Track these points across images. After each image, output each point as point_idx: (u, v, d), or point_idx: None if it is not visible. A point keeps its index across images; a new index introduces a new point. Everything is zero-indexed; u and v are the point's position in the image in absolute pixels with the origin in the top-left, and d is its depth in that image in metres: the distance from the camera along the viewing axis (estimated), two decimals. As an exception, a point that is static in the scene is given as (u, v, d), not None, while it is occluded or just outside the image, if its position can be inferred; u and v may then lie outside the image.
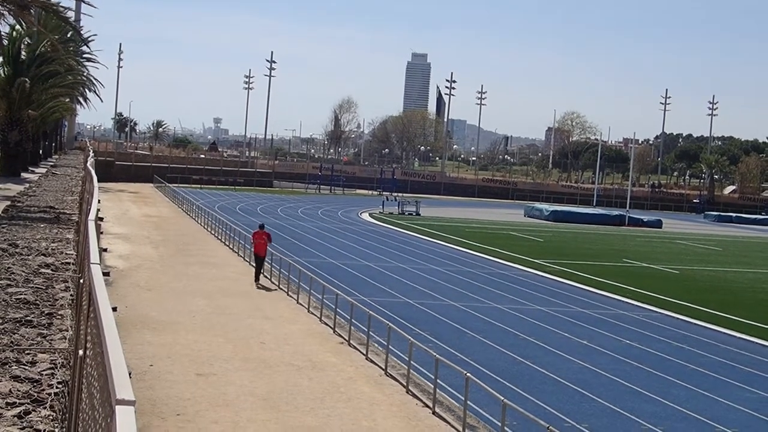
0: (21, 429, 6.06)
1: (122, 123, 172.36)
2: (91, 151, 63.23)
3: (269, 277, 32.16)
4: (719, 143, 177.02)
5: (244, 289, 29.65)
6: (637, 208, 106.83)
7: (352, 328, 22.92)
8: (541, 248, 53.07)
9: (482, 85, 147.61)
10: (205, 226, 49.50)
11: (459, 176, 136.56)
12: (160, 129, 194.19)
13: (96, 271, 5.45)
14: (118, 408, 2.86)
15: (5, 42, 46.20)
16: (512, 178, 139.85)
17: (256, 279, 30.77)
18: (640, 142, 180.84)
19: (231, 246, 40.84)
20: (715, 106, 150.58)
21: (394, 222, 66.61)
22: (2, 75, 51.21)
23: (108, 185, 71.51)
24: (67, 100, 75.43)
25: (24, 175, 51.44)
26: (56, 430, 6.15)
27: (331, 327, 23.96)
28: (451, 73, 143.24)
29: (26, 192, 29.81)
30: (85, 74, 74.67)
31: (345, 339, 22.61)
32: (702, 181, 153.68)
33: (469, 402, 16.09)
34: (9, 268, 12.78)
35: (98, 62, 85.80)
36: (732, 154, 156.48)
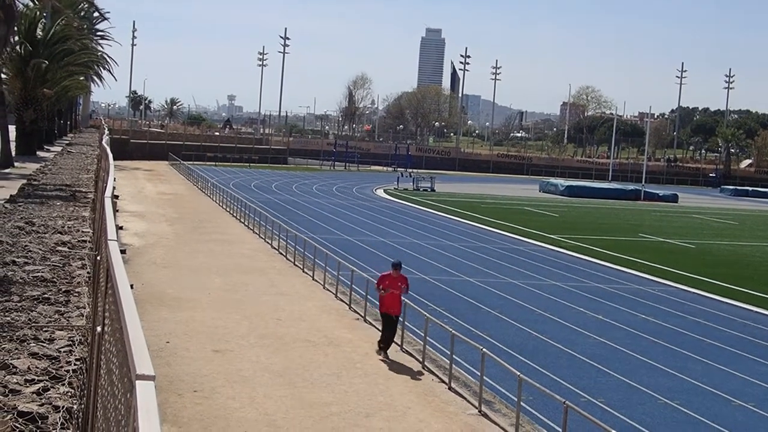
0: (40, 405, 6.09)
1: (136, 101, 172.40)
2: (106, 129, 63.42)
3: (400, 344, 19.79)
4: (736, 117, 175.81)
5: (259, 266, 29.70)
6: (652, 182, 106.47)
7: (368, 304, 22.94)
8: (556, 223, 52.95)
9: (497, 60, 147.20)
10: (220, 204, 49.58)
11: (474, 152, 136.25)
12: (175, 107, 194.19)
13: (114, 248, 5.46)
14: (138, 383, 2.87)
15: (21, 21, 46.23)
16: (527, 153, 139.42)
17: (384, 348, 18.93)
18: (655, 116, 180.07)
19: (246, 223, 40.91)
20: (731, 80, 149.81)
21: (409, 198, 66.57)
22: (18, 54, 51.27)
23: (123, 163, 71.66)
24: (82, 78, 75.51)
25: (39, 153, 51.63)
26: (75, 406, 6.18)
27: (346, 303, 24.00)
28: (466, 48, 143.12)
29: (42, 170, 29.94)
30: (99, 52, 74.69)
31: (361, 315, 22.65)
32: (718, 154, 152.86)
33: (485, 377, 16.09)
34: (26, 246, 12.84)
35: (112, 40, 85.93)
36: (749, 127, 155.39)
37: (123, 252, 27.06)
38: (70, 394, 6.38)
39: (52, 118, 70.57)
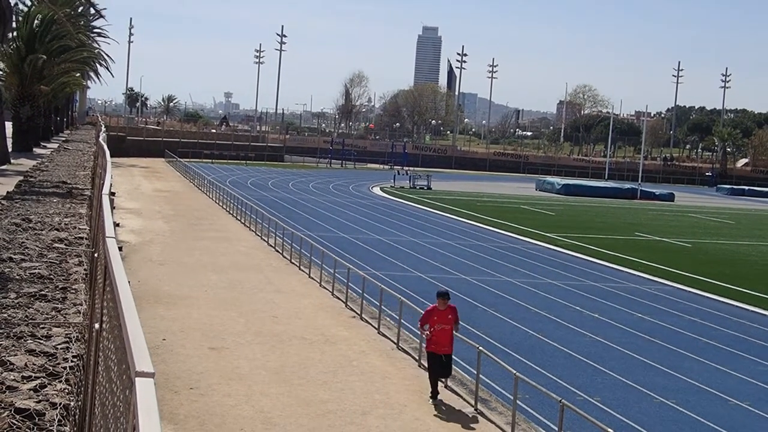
0: (37, 402, 6.09)
1: (133, 98, 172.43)
2: (103, 126, 63.38)
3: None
4: (732, 116, 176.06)
5: (255, 263, 29.70)
6: (649, 181, 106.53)
7: (364, 302, 22.96)
8: (552, 222, 52.98)
9: (493, 59, 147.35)
10: (217, 201, 49.57)
11: (470, 150, 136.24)
12: (171, 104, 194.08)
13: (112, 245, 5.46)
14: (137, 380, 2.87)
15: (19, 17, 46.16)
16: (523, 151, 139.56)
17: (434, 394, 15.95)
18: (652, 115, 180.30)
19: (242, 220, 40.89)
20: (728, 79, 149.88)
21: (406, 196, 66.59)
22: (14, 50, 51.20)
23: (119, 160, 71.55)
24: (78, 75, 75.43)
25: (36, 150, 51.55)
26: (72, 403, 6.18)
27: (343, 301, 24.00)
28: (462, 47, 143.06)
29: (39, 167, 29.90)
30: (95, 49, 74.60)
31: (357, 313, 22.65)
32: (714, 154, 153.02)
33: (481, 376, 16.12)
34: (23, 242, 12.83)
35: (109, 37, 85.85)
36: (745, 126, 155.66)
37: (119, 249, 26.97)
38: (67, 390, 6.38)
39: (48, 115, 70.48)
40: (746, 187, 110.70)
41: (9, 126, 46.38)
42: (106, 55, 78.77)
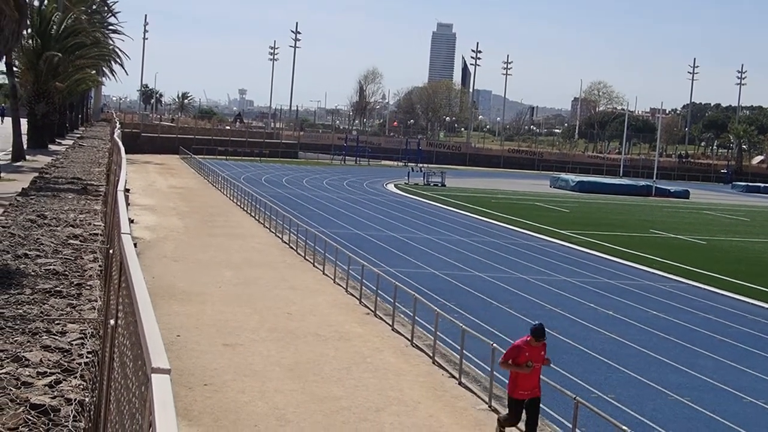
0: (52, 398, 6.11)
1: (148, 95, 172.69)
2: (118, 122, 63.56)
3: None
4: (747, 113, 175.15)
5: (270, 260, 29.73)
6: (664, 178, 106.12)
7: (378, 298, 22.94)
8: (567, 219, 52.86)
9: (508, 55, 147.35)
10: (231, 198, 49.66)
11: (484, 147, 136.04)
12: (186, 101, 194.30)
13: (127, 242, 5.47)
14: (153, 376, 2.87)
15: (33, 15, 46.32)
16: (538, 148, 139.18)
17: None
18: (667, 112, 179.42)
19: (257, 217, 40.95)
20: (743, 75, 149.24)
21: (420, 193, 66.54)
22: (30, 48, 51.41)
23: (134, 157, 71.71)
24: (93, 72, 75.63)
25: (51, 146, 51.74)
26: (87, 399, 6.19)
27: (357, 298, 24.01)
28: (477, 43, 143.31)
29: (54, 163, 29.97)
30: (110, 46, 74.84)
31: (371, 310, 22.66)
32: (730, 151, 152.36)
33: (495, 372, 16.09)
34: (38, 239, 12.87)
35: (124, 34, 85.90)
36: (761, 123, 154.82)
37: (134, 245, 26.94)
38: (82, 386, 6.39)
39: (63, 112, 70.74)
40: (762, 185, 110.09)
41: (24, 123, 46.57)
42: (121, 51, 79.05)
